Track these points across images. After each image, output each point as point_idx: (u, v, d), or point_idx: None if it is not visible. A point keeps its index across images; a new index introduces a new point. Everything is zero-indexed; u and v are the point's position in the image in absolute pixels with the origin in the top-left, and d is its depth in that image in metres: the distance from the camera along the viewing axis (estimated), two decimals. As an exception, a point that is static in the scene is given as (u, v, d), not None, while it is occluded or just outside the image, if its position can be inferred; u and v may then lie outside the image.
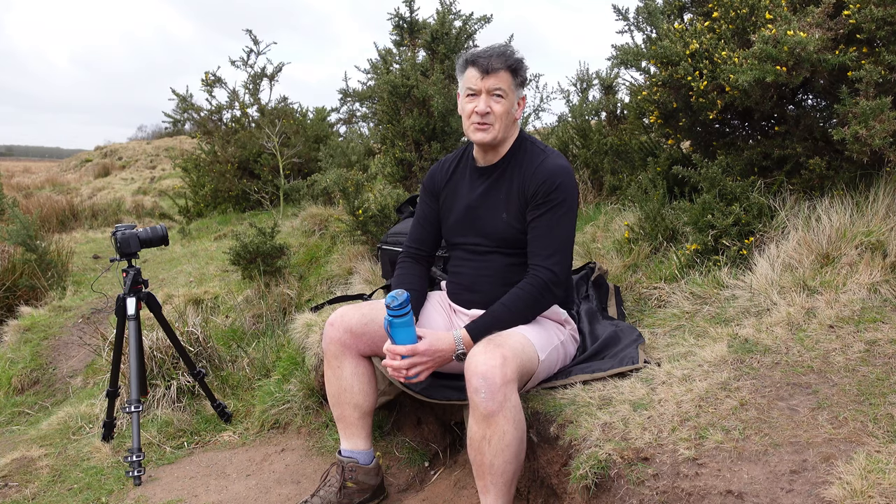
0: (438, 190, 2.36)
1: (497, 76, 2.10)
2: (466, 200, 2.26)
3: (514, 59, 2.13)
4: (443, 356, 2.02)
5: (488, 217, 2.21)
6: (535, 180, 2.13)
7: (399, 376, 2.02)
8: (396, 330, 1.98)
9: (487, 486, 1.88)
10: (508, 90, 2.13)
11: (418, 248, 2.39)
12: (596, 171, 4.33)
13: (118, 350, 2.95)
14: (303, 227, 5.51)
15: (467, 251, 2.28)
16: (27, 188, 16.02)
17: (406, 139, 4.53)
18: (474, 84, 2.13)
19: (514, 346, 1.94)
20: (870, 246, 2.38)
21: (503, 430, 1.82)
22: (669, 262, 2.91)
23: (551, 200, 2.11)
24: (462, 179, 2.31)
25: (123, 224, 2.90)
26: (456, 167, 2.36)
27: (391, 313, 1.95)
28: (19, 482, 2.79)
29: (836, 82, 2.52)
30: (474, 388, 1.82)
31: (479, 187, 2.25)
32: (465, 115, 2.18)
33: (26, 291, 5.74)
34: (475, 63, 2.12)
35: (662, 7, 3.24)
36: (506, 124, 2.15)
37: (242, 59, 7.62)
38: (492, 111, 2.12)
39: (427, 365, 2.01)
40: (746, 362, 2.04)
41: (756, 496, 1.48)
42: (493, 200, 2.21)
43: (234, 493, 2.54)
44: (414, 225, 2.42)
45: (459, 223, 2.28)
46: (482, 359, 1.85)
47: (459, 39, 4.73)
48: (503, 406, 1.81)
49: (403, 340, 1.98)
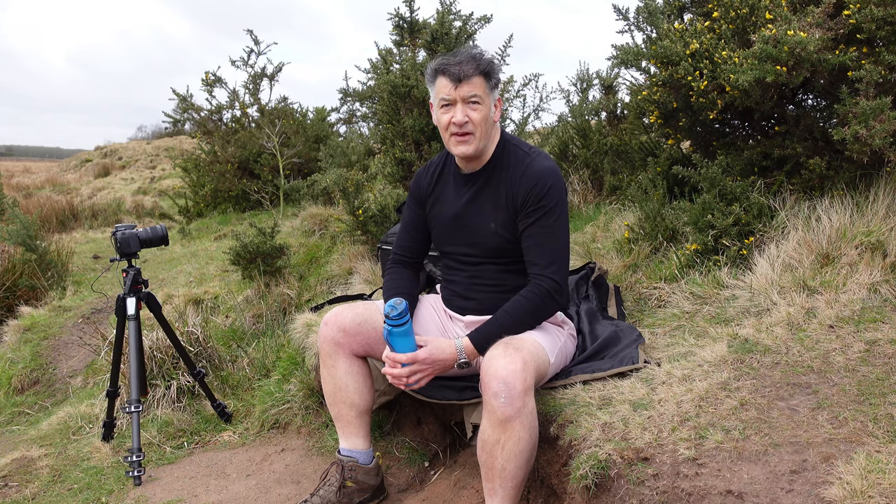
0: (424, 197, 2.30)
1: (470, 83, 2.02)
2: (453, 209, 2.21)
3: (486, 62, 2.05)
4: (443, 364, 2.01)
5: (476, 227, 2.16)
6: (524, 186, 2.07)
7: (399, 384, 2.01)
8: (396, 339, 1.96)
9: (496, 489, 1.85)
10: (484, 95, 2.04)
11: (405, 255, 2.35)
12: (596, 171, 4.33)
13: (118, 350, 2.96)
14: (303, 227, 5.51)
15: (458, 261, 2.24)
16: (27, 188, 16.02)
17: (406, 139, 4.53)
18: (448, 94, 2.04)
19: (531, 349, 1.92)
20: (870, 246, 2.38)
21: (518, 435, 1.80)
22: (669, 262, 2.91)
23: (543, 207, 2.05)
24: (447, 186, 2.25)
25: (123, 224, 2.91)
26: (441, 172, 2.28)
27: (390, 322, 1.93)
28: (19, 482, 2.79)
29: (836, 82, 2.52)
30: (493, 392, 1.79)
31: (465, 195, 2.19)
32: (443, 128, 2.09)
33: (26, 291, 5.75)
34: (445, 72, 2.03)
35: (662, 7, 3.24)
36: (485, 130, 2.08)
37: (243, 59, 7.62)
38: (470, 120, 2.03)
39: (427, 372, 2.00)
40: (746, 362, 2.04)
41: (756, 496, 1.48)
42: (480, 209, 2.16)
43: (234, 493, 2.54)
44: (401, 231, 2.38)
45: (448, 232, 2.23)
46: (502, 363, 1.81)
47: (459, 39, 4.73)
48: (521, 412, 1.79)
49: (403, 349, 1.97)
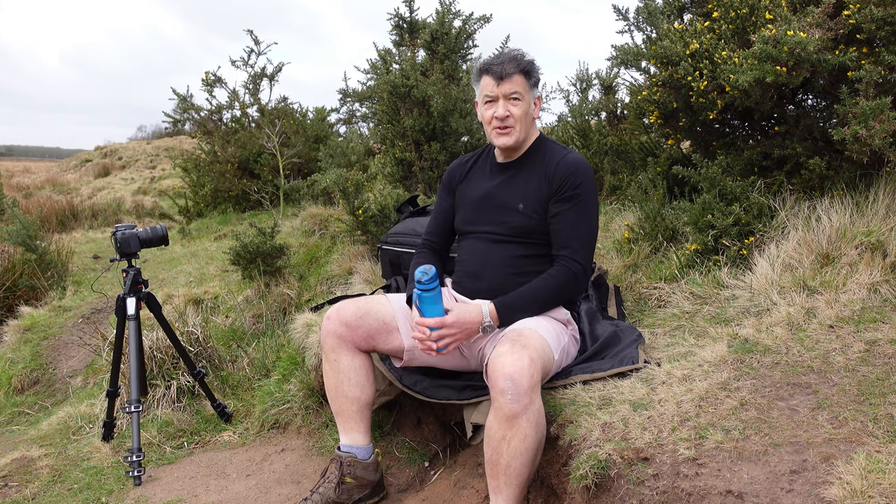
0: (455, 184, 2.45)
1: (511, 80, 2.18)
2: (483, 190, 2.34)
3: (526, 62, 2.21)
4: (470, 328, 2.08)
5: (504, 205, 2.27)
6: (561, 171, 2.20)
7: (427, 349, 2.06)
8: (425, 304, 2.02)
9: (500, 487, 1.85)
10: (524, 92, 2.21)
11: (433, 241, 2.49)
12: (596, 171, 4.33)
13: (118, 350, 2.96)
14: (303, 227, 5.51)
15: (478, 239, 2.32)
16: (27, 188, 16.02)
17: (406, 139, 4.53)
18: (491, 91, 2.21)
19: (538, 346, 1.94)
20: (870, 246, 2.38)
21: (525, 432, 1.80)
22: (669, 262, 2.91)
23: (578, 195, 2.18)
24: (481, 174, 2.40)
25: (123, 224, 2.91)
26: (475, 163, 2.45)
27: (420, 287, 2.00)
28: (19, 482, 2.79)
29: (836, 82, 2.52)
30: (500, 389, 1.80)
31: (498, 178, 2.33)
32: (486, 122, 2.26)
33: (26, 291, 5.74)
34: (489, 71, 2.21)
35: (662, 7, 3.24)
36: (525, 125, 2.24)
37: (243, 59, 7.62)
38: (511, 114, 2.20)
39: (456, 337, 2.06)
40: (746, 362, 2.04)
41: (756, 496, 1.48)
42: (511, 190, 2.27)
43: (234, 493, 2.54)
44: (431, 219, 2.52)
45: (475, 211, 2.34)
46: (509, 359, 1.82)
47: (459, 39, 4.73)
48: (528, 409, 1.80)
49: (432, 314, 2.03)
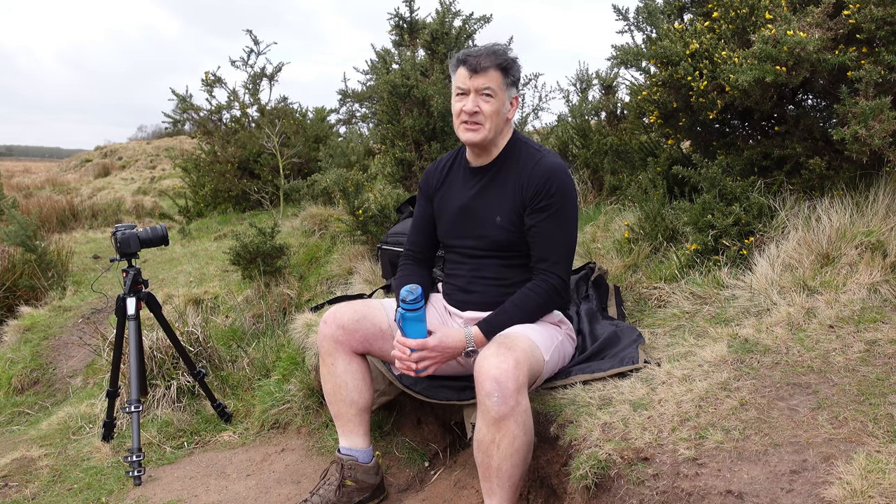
0: (433, 191, 2.35)
1: (486, 75, 2.07)
2: (460, 201, 2.25)
3: (506, 58, 2.10)
4: (452, 352, 2.04)
5: (482, 219, 2.19)
6: (534, 181, 2.10)
7: (407, 369, 2.03)
8: (408, 323, 2.00)
9: (493, 489, 1.86)
10: (498, 89, 2.10)
11: (416, 251, 2.39)
12: (596, 171, 4.33)
13: (118, 350, 2.96)
14: (303, 227, 5.51)
15: (462, 254, 2.27)
16: (27, 188, 16.01)
17: (406, 139, 4.53)
18: (463, 83, 2.11)
19: (524, 348, 1.93)
20: (870, 246, 2.38)
21: (513, 434, 1.80)
22: (669, 262, 2.91)
23: (553, 204, 2.09)
24: (456, 180, 2.30)
25: (123, 224, 2.91)
26: (451, 167, 2.34)
27: (405, 307, 1.97)
28: (19, 482, 2.79)
29: (836, 82, 2.52)
30: (486, 391, 1.79)
31: (473, 188, 2.23)
32: (455, 114, 2.16)
33: (26, 291, 5.75)
34: (465, 62, 2.10)
35: (662, 7, 3.24)
36: (496, 124, 2.12)
37: (242, 59, 7.62)
38: (480, 111, 2.09)
39: (436, 360, 2.03)
40: (746, 362, 2.04)
41: (756, 496, 1.48)
42: (487, 202, 2.19)
43: (234, 493, 2.54)
44: (412, 228, 2.42)
45: (453, 225, 2.27)
46: (495, 362, 1.82)
47: (459, 39, 4.73)
48: (514, 410, 1.79)
49: (414, 334, 2.01)
